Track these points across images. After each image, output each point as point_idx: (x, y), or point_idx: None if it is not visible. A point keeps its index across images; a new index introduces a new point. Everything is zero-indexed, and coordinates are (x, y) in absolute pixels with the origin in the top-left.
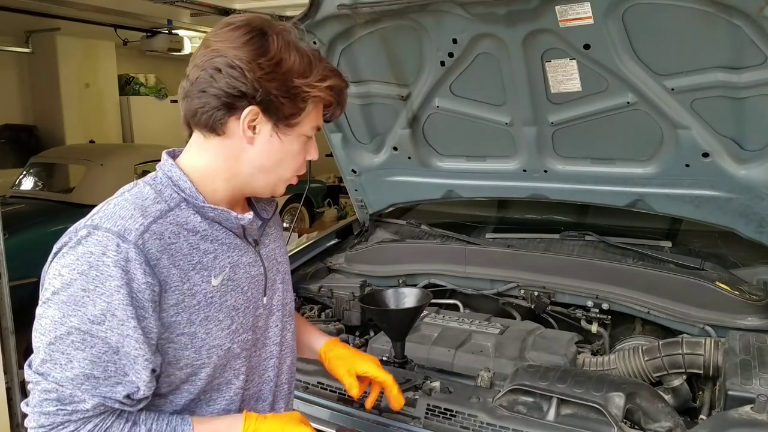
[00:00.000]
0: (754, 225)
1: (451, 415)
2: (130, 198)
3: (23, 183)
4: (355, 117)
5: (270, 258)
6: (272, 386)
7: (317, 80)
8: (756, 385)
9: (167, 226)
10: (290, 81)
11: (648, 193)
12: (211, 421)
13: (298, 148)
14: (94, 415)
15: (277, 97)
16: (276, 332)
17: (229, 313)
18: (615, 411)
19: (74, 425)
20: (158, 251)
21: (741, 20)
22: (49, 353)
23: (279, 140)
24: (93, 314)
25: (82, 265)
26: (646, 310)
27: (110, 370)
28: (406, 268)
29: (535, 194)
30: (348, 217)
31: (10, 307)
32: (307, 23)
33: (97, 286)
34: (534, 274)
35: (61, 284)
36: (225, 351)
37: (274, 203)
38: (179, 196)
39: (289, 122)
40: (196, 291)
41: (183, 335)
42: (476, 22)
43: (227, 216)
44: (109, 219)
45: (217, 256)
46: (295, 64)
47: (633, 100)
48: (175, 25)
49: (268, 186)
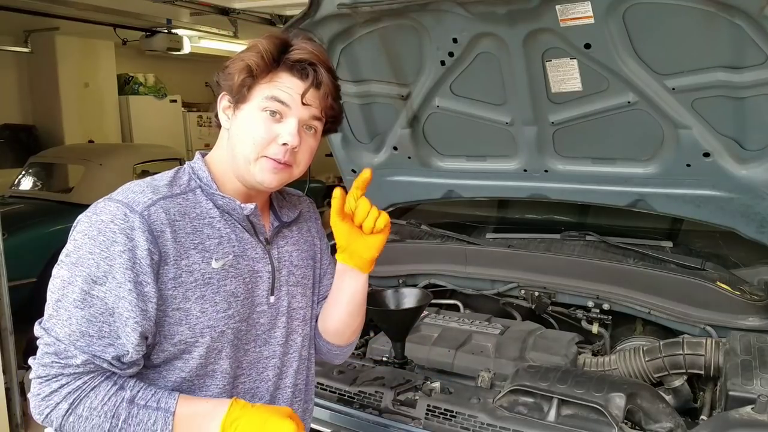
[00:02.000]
0: (755, 225)
1: (452, 416)
2: (148, 179)
3: (22, 183)
4: (355, 117)
5: (283, 260)
6: (270, 386)
7: (246, 50)
8: (757, 385)
9: (175, 205)
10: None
11: (649, 192)
12: (197, 400)
13: (260, 123)
14: (84, 372)
15: (226, 77)
16: (281, 333)
17: (227, 297)
18: (616, 411)
19: (66, 379)
20: (162, 224)
21: (742, 20)
22: (55, 309)
23: (241, 117)
24: (96, 275)
25: (92, 231)
26: (647, 310)
27: (104, 331)
28: (406, 268)
29: (536, 194)
30: None
31: (9, 307)
32: (306, 23)
33: (102, 249)
34: (534, 275)
35: (73, 247)
36: (218, 333)
37: (297, 209)
38: (196, 183)
39: (241, 95)
40: (194, 269)
41: (178, 310)
42: (476, 22)
43: (233, 204)
44: (122, 193)
45: (222, 243)
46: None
47: (634, 99)
48: (174, 25)
49: (246, 169)
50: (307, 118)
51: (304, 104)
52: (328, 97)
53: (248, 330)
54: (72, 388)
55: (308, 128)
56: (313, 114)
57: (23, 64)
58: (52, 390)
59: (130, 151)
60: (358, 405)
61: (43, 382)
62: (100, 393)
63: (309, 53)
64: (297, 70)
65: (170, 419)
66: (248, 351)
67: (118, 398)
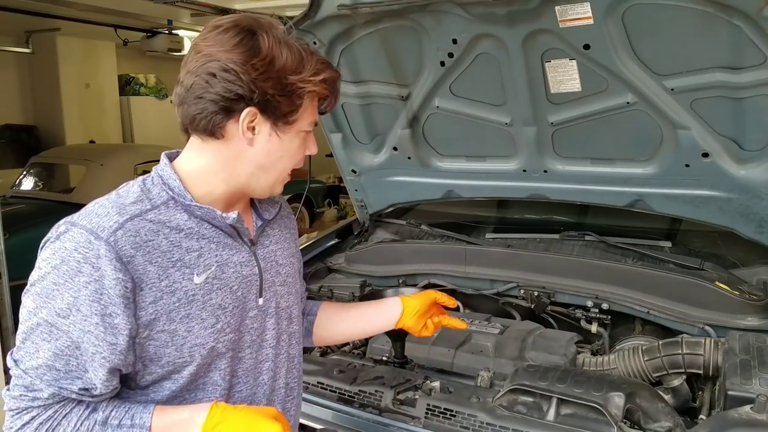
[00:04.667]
0: (753, 225)
1: (451, 415)
2: (113, 197)
3: (23, 183)
4: (355, 117)
5: (268, 259)
6: (266, 390)
7: (311, 75)
8: (756, 385)
9: (145, 224)
10: (285, 78)
11: (648, 193)
12: (173, 409)
13: (298, 145)
14: (53, 402)
15: (274, 96)
16: (272, 335)
17: (214, 311)
18: (615, 411)
19: (36, 411)
20: (132, 248)
21: (741, 20)
22: (22, 341)
23: (279, 138)
24: (60, 307)
25: (56, 260)
26: (645, 310)
27: (72, 365)
28: (406, 268)
29: (535, 194)
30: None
31: (10, 306)
32: (307, 23)
33: (66, 280)
34: (534, 274)
35: (38, 276)
36: (208, 350)
37: (277, 205)
38: (167, 194)
39: (287, 119)
40: (176, 288)
41: (163, 332)
42: (476, 23)
43: (213, 214)
44: (86, 216)
45: (202, 254)
46: (287, 61)
47: (633, 100)
48: (175, 26)
49: (268, 185)
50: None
51: None
52: None
53: (241, 338)
54: (43, 419)
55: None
56: None
57: (24, 64)
58: (24, 422)
59: (131, 151)
60: (358, 404)
61: (14, 414)
62: (72, 420)
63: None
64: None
65: None
66: (243, 359)
67: (91, 422)
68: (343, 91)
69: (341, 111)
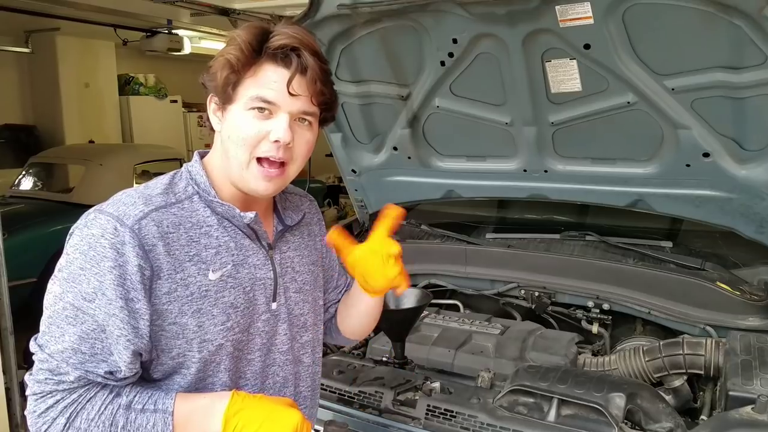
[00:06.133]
0: (754, 225)
1: (452, 416)
2: (141, 188)
3: (23, 183)
4: (355, 117)
5: (285, 265)
6: (273, 395)
7: (226, 46)
8: (757, 385)
9: (168, 216)
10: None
11: (648, 193)
12: (195, 396)
13: (246, 122)
14: (79, 386)
15: (207, 74)
16: (284, 340)
17: (225, 309)
18: (616, 411)
19: (60, 395)
20: (154, 237)
21: (741, 20)
22: (47, 326)
23: (228, 119)
24: (86, 291)
25: (83, 246)
26: (646, 310)
27: (97, 348)
28: (405, 268)
29: (535, 194)
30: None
31: (9, 307)
32: (307, 23)
33: (93, 265)
34: (534, 275)
35: (65, 262)
36: (216, 347)
37: (301, 212)
38: (193, 189)
39: (226, 95)
40: (190, 282)
41: (174, 325)
42: (476, 22)
43: (233, 212)
44: (113, 205)
45: (220, 252)
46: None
47: (633, 100)
48: (174, 25)
49: (240, 176)
50: (298, 109)
51: (291, 95)
52: (316, 81)
53: (250, 340)
54: (68, 402)
55: (302, 120)
56: (303, 104)
57: (24, 64)
58: (48, 406)
59: (130, 151)
60: (358, 405)
61: (38, 398)
62: (96, 403)
63: (290, 37)
64: (280, 58)
65: (170, 419)
66: (252, 361)
67: (115, 406)
68: (343, 91)
69: (341, 111)
